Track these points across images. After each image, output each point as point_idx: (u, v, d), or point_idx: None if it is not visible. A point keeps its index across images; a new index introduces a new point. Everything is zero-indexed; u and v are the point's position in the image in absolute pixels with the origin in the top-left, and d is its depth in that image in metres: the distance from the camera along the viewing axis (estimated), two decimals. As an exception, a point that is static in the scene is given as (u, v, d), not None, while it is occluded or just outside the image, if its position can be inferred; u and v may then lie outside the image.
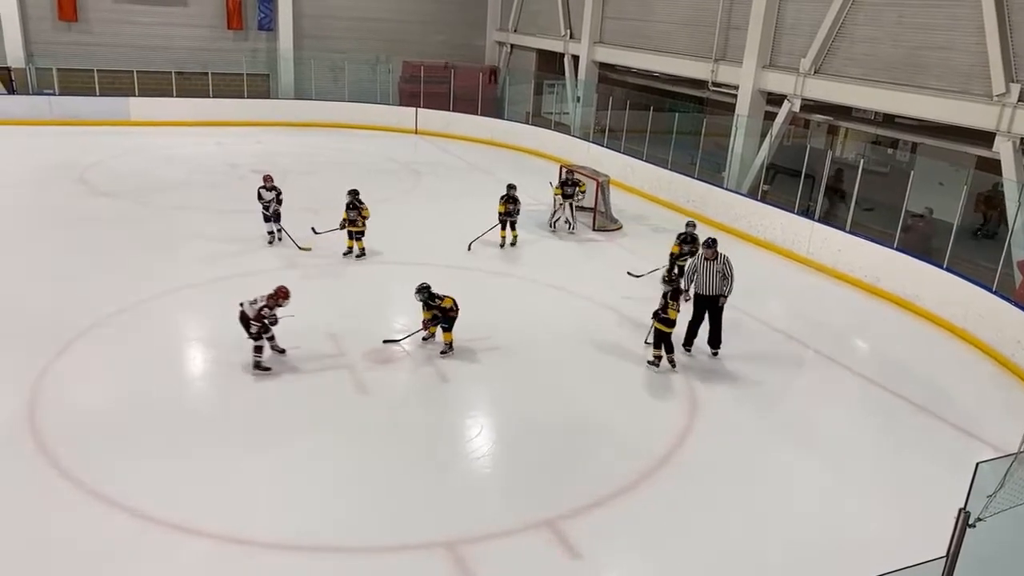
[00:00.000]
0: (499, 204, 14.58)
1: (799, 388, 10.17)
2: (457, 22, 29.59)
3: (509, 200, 14.54)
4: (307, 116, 26.06)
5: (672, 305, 9.75)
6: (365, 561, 6.34)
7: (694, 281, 10.37)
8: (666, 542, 6.91)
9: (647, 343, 10.39)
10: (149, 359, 9.53)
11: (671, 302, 9.76)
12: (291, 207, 14.36)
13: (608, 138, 21.62)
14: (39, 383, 8.75)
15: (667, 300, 9.79)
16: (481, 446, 8.36)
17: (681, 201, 18.42)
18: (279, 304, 9.15)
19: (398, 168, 21.22)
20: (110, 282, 11.80)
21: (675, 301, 9.77)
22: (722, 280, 10.29)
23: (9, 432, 7.85)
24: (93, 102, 24.26)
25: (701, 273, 10.34)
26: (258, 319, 9.12)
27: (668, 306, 9.76)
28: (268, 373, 9.27)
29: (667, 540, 6.94)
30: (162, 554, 6.35)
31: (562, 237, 15.76)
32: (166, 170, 19.22)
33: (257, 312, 9.11)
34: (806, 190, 16.00)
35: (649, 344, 10.31)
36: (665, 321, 9.80)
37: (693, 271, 10.47)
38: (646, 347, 10.37)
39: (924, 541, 5.81)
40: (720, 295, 10.32)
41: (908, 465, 8.46)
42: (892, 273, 13.32)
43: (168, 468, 7.45)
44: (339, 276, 12.93)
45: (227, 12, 26.38)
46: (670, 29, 20.82)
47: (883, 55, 14.80)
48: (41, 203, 15.98)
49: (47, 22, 24.68)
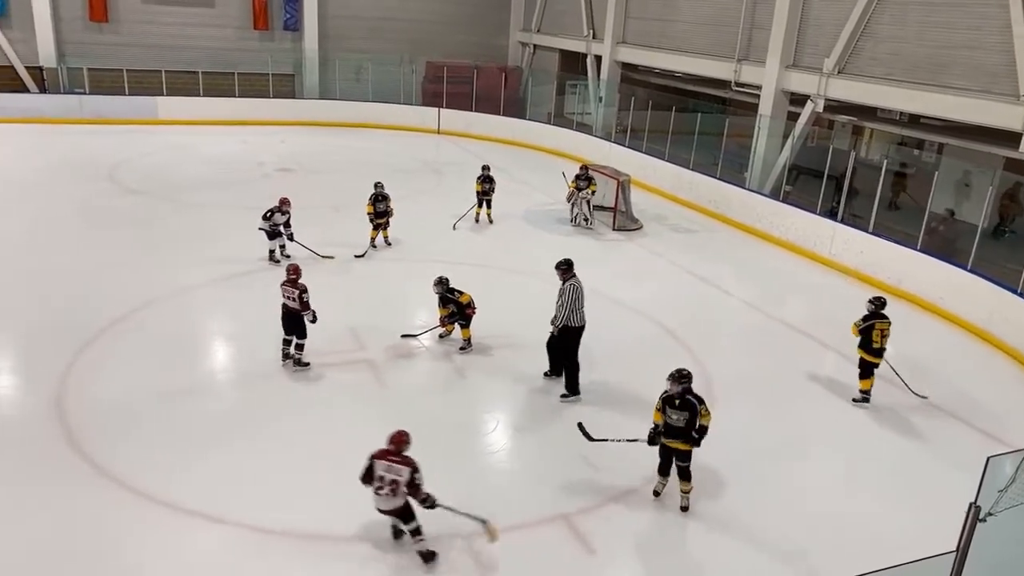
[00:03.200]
0: (476, 184, 15.82)
1: (818, 388, 10.11)
2: (480, 23, 29.70)
3: (485, 180, 15.77)
4: (331, 116, 26.30)
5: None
6: (380, 552, 6.42)
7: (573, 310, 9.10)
8: (681, 538, 6.93)
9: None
10: (174, 352, 9.72)
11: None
12: (314, 205, 14.52)
13: (630, 138, 21.61)
14: (67, 374, 8.96)
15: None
16: (497, 440, 8.44)
17: (702, 201, 18.37)
18: (283, 211, 9.62)
19: (420, 167, 21.36)
20: (136, 277, 12.01)
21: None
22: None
23: (39, 421, 8.05)
24: (122, 101, 24.68)
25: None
26: (306, 307, 9.14)
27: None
28: (305, 368, 9.40)
29: (682, 536, 6.96)
30: (183, 541, 6.50)
31: (582, 235, 15.79)
32: (193, 168, 19.51)
33: (300, 300, 9.12)
34: (829, 191, 15.89)
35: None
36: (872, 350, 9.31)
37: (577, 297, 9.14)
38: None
39: (941, 537, 5.78)
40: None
41: (927, 465, 8.42)
42: (915, 274, 13.20)
43: (190, 458, 7.60)
44: (359, 272, 13.06)
45: (253, 13, 26.69)
46: (693, 29, 20.76)
47: (908, 54, 14.66)
48: (71, 200, 16.29)
49: (79, 23, 25.13)
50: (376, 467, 6.09)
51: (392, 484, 6.03)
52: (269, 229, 12.75)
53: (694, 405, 6.94)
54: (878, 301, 9.46)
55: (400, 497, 6.09)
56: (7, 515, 6.68)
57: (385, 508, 6.17)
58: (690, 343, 10.90)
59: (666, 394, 7.07)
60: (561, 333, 9.15)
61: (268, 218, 12.71)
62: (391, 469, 6.05)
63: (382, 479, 6.05)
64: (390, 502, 6.11)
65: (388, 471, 6.04)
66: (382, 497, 6.09)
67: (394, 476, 6.03)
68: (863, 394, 9.51)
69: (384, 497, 6.08)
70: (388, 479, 6.03)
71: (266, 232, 12.76)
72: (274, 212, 12.74)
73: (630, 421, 8.76)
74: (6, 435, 7.88)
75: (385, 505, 6.15)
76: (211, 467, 7.48)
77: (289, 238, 13.06)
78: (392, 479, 6.03)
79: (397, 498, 6.08)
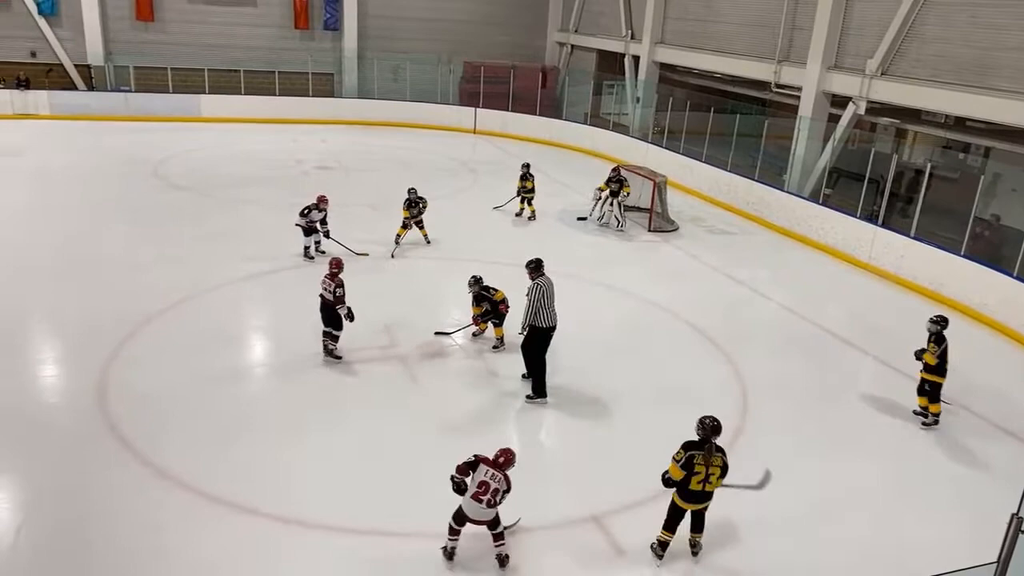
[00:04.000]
0: (518, 181, 16.32)
1: (856, 394, 9.96)
2: (518, 23, 29.76)
3: (524, 177, 16.22)
4: (369, 115, 26.56)
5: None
6: (409, 546, 6.47)
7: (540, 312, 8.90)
8: (712, 543, 6.88)
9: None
10: (212, 345, 9.91)
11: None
12: (352, 203, 14.64)
13: (667, 139, 21.48)
14: (110, 364, 9.19)
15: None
16: (529, 439, 8.46)
17: (740, 203, 18.20)
18: (320, 208, 9.68)
19: (456, 167, 21.48)
20: (178, 271, 12.27)
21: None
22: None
23: (81, 410, 8.27)
24: (166, 99, 25.23)
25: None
26: (339, 301, 9.30)
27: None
28: (339, 362, 9.53)
29: (713, 541, 6.90)
30: (217, 530, 6.62)
31: (617, 236, 15.75)
32: (234, 165, 19.86)
33: (334, 293, 9.28)
34: (870, 195, 15.63)
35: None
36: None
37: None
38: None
39: (981, 548, 5.67)
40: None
41: (966, 474, 8.24)
42: (958, 280, 12.93)
43: (226, 448, 7.75)
44: (394, 270, 13.17)
45: (294, 12, 27.07)
46: (733, 30, 20.57)
47: (954, 56, 14.36)
48: (117, 195, 16.71)
49: (126, 22, 25.74)
50: (481, 470, 6.12)
51: (493, 494, 6.07)
52: (305, 226, 12.93)
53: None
54: (943, 321, 8.86)
55: (492, 511, 6.15)
56: (48, 498, 6.88)
57: (478, 518, 6.16)
58: (725, 346, 10.80)
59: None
60: (529, 334, 8.99)
61: (305, 215, 12.88)
62: (496, 478, 6.11)
63: (486, 485, 6.07)
64: (485, 512, 6.13)
65: (493, 479, 6.09)
66: (480, 505, 6.08)
67: (496, 486, 6.09)
68: (935, 417, 9.03)
69: (480, 506, 6.08)
70: (492, 487, 6.07)
71: (302, 229, 12.94)
72: (311, 209, 12.90)
73: (664, 426, 8.74)
74: (51, 421, 8.12)
75: (477, 514, 6.14)
76: (245, 457, 7.61)
77: (325, 235, 13.23)
78: (495, 488, 6.08)
79: (491, 510, 6.13)
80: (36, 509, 6.78)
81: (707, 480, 6.25)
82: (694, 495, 6.32)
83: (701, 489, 6.29)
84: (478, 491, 6.09)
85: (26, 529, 6.50)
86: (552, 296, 8.95)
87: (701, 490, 6.29)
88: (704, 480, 6.24)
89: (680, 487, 6.32)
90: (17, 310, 10.71)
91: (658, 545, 6.57)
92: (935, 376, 8.88)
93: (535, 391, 9.09)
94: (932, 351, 8.79)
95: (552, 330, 8.99)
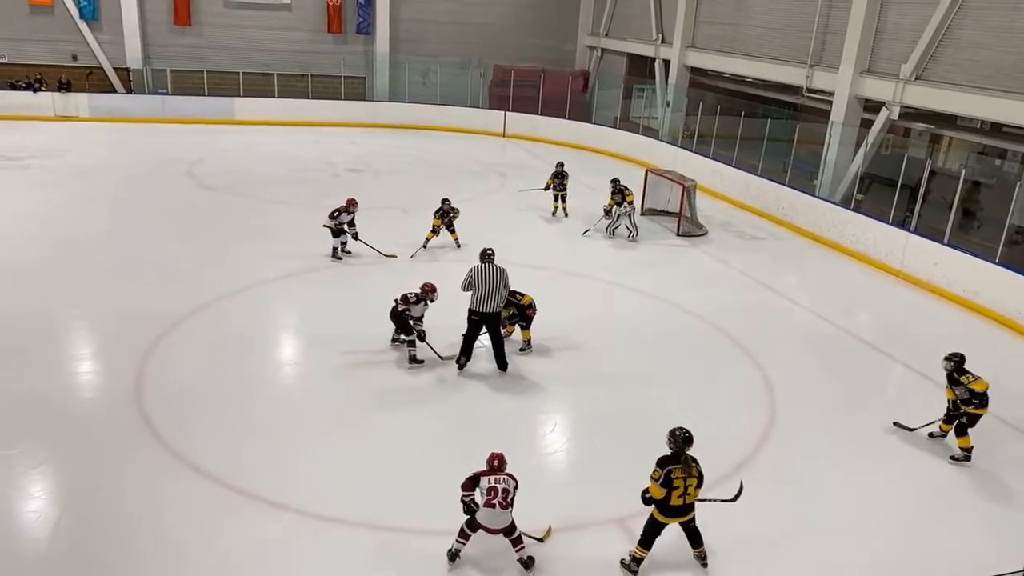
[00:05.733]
0: (550, 179, 16.72)
1: (884, 402, 9.86)
2: (549, 27, 29.82)
3: (556, 175, 16.62)
4: (400, 118, 26.80)
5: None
6: (433, 544, 6.53)
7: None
8: (738, 550, 6.86)
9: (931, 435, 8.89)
10: (243, 344, 10.09)
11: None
12: (382, 205, 14.74)
13: (697, 143, 21.39)
14: (144, 361, 9.40)
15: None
16: (554, 442, 8.50)
17: (770, 208, 18.06)
18: (430, 298, 9.51)
19: (484, 170, 21.58)
20: (212, 270, 12.53)
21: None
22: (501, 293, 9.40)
23: (117, 405, 8.48)
24: (202, 101, 25.68)
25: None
26: (416, 318, 9.50)
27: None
28: (421, 366, 9.63)
29: (740, 548, 6.88)
30: (245, 526, 6.75)
31: (645, 240, 15.69)
32: (267, 167, 20.16)
33: (414, 307, 9.50)
34: (902, 201, 15.43)
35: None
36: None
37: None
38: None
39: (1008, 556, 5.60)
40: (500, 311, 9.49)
41: (994, 482, 8.11)
42: (992, 288, 12.72)
43: (256, 445, 7.90)
44: (422, 272, 13.23)
45: (327, 16, 27.41)
46: (764, 34, 20.43)
47: (991, 61, 14.14)
48: (153, 195, 17.05)
49: (164, 26, 26.28)
50: (483, 482, 6.19)
51: (504, 494, 6.12)
52: (334, 227, 13.10)
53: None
54: (959, 357, 8.36)
55: (508, 513, 6.17)
56: (82, 490, 7.06)
57: (496, 526, 6.19)
58: (753, 351, 10.75)
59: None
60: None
61: (335, 217, 13.05)
62: (500, 481, 6.18)
63: (494, 491, 6.13)
64: (501, 517, 6.15)
65: (499, 483, 6.17)
66: (494, 511, 6.12)
67: (505, 487, 6.16)
68: (964, 452, 8.42)
69: (496, 511, 6.12)
70: (500, 489, 6.13)
71: (331, 230, 13.11)
72: (340, 212, 13.08)
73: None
74: (87, 414, 8.34)
75: (496, 522, 6.17)
76: (271, 454, 7.74)
77: (353, 237, 13.39)
78: (504, 489, 6.14)
79: (506, 513, 6.16)
80: (73, 500, 6.97)
81: (686, 492, 6.19)
82: (675, 510, 6.25)
83: (682, 503, 6.22)
84: (488, 498, 6.14)
85: (64, 520, 6.68)
86: (489, 284, 9.17)
87: (682, 504, 6.22)
88: (683, 493, 6.18)
89: (660, 503, 6.26)
90: (54, 306, 11.00)
91: (631, 561, 6.41)
92: (971, 408, 8.27)
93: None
94: (968, 381, 8.22)
95: (478, 315, 9.22)
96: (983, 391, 8.20)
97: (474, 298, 9.28)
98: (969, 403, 8.24)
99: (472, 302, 9.30)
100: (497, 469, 6.26)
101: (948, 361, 8.39)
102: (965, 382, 8.22)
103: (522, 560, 6.34)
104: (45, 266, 12.47)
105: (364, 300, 11.77)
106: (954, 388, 8.34)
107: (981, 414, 8.29)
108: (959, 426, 8.39)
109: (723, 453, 8.19)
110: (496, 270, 9.35)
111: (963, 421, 8.35)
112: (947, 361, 8.40)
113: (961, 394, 8.27)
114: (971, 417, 8.32)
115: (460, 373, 9.56)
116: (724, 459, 8.05)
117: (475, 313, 9.31)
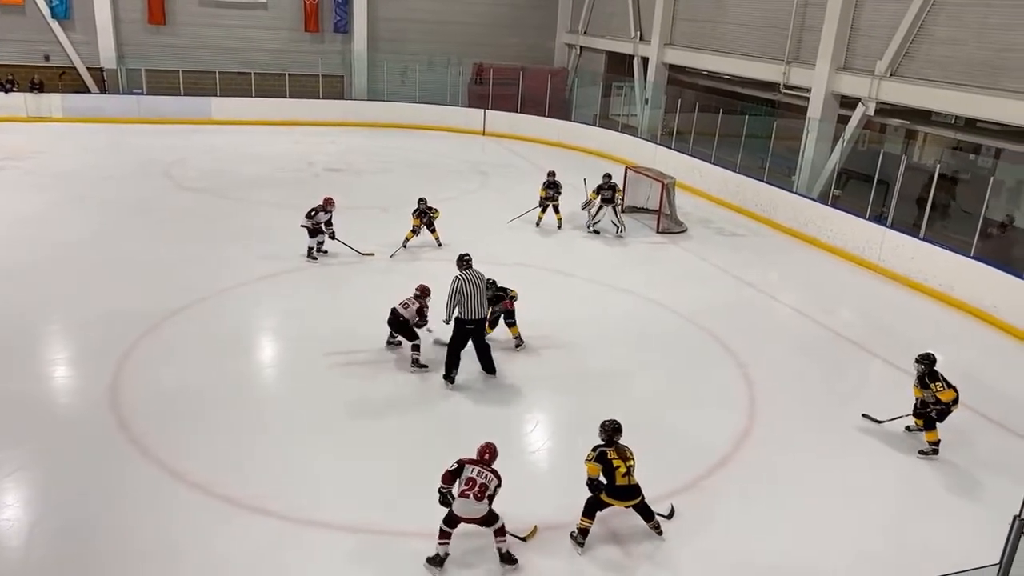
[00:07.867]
0: (540, 189, 15.99)
1: (865, 397, 9.95)
2: (527, 25, 29.81)
3: (549, 186, 15.90)
4: (379, 117, 26.69)
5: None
6: (418, 546, 6.51)
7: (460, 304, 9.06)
8: (723, 546, 6.90)
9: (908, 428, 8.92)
10: (226, 345, 9.99)
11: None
12: (362, 205, 14.69)
13: (676, 140, 21.48)
14: (123, 364, 9.28)
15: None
16: (536, 440, 8.51)
17: (749, 204, 18.18)
18: (327, 210, 9.27)
19: (465, 168, 21.54)
20: (191, 271, 12.38)
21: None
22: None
23: (94, 408, 8.36)
24: (178, 101, 25.42)
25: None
26: (418, 320, 9.48)
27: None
28: (426, 370, 9.53)
29: (724, 544, 6.92)
30: (229, 531, 6.68)
31: (626, 239, 15.76)
32: (244, 167, 19.98)
33: (415, 312, 9.50)
34: (879, 196, 15.59)
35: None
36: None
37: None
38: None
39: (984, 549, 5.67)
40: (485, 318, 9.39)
41: (970, 475, 8.22)
42: (968, 282, 12.89)
43: (238, 448, 7.83)
44: (403, 271, 13.20)
45: (305, 15, 27.23)
46: (742, 31, 20.56)
47: (965, 57, 14.31)
48: (130, 196, 16.84)
49: (138, 25, 25.97)
50: (466, 470, 6.21)
51: (481, 488, 6.13)
52: (311, 227, 13.03)
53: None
54: (930, 360, 8.41)
55: (483, 505, 6.19)
56: (60, 497, 6.95)
57: (470, 515, 6.20)
58: (734, 348, 10.81)
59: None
60: (454, 326, 9.14)
61: (312, 216, 13.00)
62: (482, 474, 6.18)
63: (472, 481, 6.15)
64: (475, 508, 6.16)
65: (479, 475, 6.17)
66: (468, 501, 6.13)
67: (483, 481, 6.16)
68: (931, 446, 8.50)
69: (470, 501, 6.13)
70: (479, 482, 6.14)
71: (308, 229, 13.05)
72: (318, 211, 13.03)
73: (670, 427, 8.76)
74: (63, 418, 8.22)
75: (470, 511, 6.18)
76: (258, 457, 7.68)
77: (331, 236, 13.32)
78: (482, 483, 6.15)
79: (480, 505, 6.17)
80: (49, 507, 6.86)
81: (629, 473, 6.52)
82: (622, 491, 6.55)
83: (627, 483, 6.53)
84: (465, 488, 6.16)
85: (39, 527, 6.58)
86: (477, 289, 9.08)
87: (627, 484, 6.54)
88: (627, 473, 6.51)
89: (607, 487, 6.56)
90: (31, 310, 10.82)
91: (578, 533, 6.66)
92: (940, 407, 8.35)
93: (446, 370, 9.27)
94: (937, 389, 8.28)
95: (472, 323, 9.12)
96: (949, 402, 8.28)
97: (464, 307, 9.07)
98: (937, 405, 8.34)
99: (463, 312, 9.08)
100: (485, 462, 6.27)
101: (919, 364, 8.44)
102: (935, 389, 8.30)
103: (501, 552, 6.34)
104: (23, 269, 12.27)
105: (347, 301, 11.73)
106: (923, 390, 8.42)
107: (951, 411, 8.39)
108: (927, 420, 8.47)
109: (704, 450, 8.25)
110: (477, 274, 9.28)
111: (932, 415, 8.44)
112: (918, 364, 8.46)
113: (928, 397, 8.38)
114: (940, 412, 8.42)
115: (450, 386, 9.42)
116: (705, 457, 8.10)
117: (469, 322, 9.12)
